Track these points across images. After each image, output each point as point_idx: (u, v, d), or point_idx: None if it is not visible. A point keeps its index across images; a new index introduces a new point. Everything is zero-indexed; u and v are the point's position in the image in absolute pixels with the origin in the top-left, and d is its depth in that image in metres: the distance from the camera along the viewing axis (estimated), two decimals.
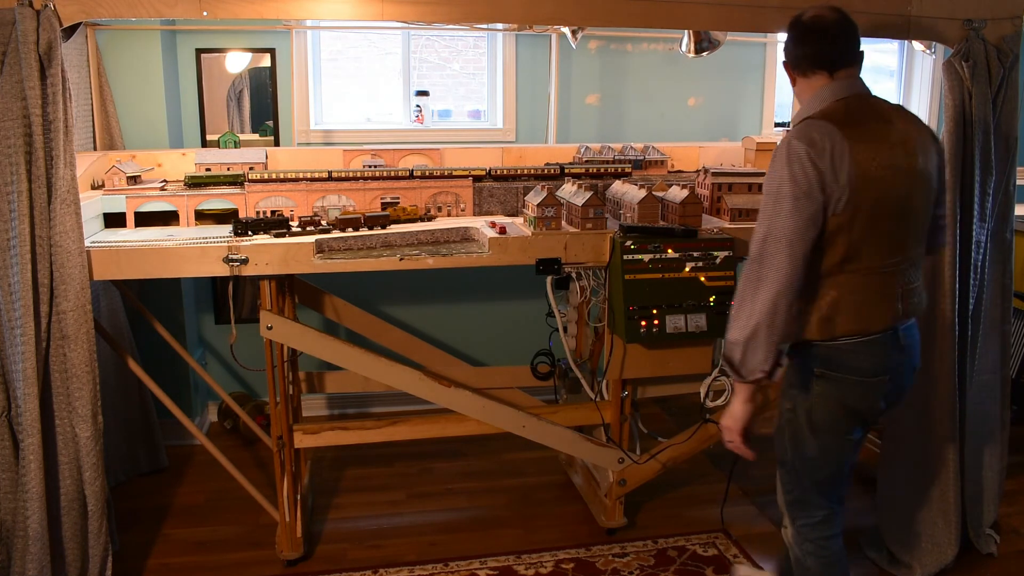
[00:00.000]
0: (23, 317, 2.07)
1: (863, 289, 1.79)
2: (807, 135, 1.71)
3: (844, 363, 1.83)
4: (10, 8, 1.99)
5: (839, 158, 1.70)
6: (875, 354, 1.82)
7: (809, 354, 1.85)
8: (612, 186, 2.78)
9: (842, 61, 1.82)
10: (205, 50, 3.45)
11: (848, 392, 1.85)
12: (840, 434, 1.90)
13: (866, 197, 1.72)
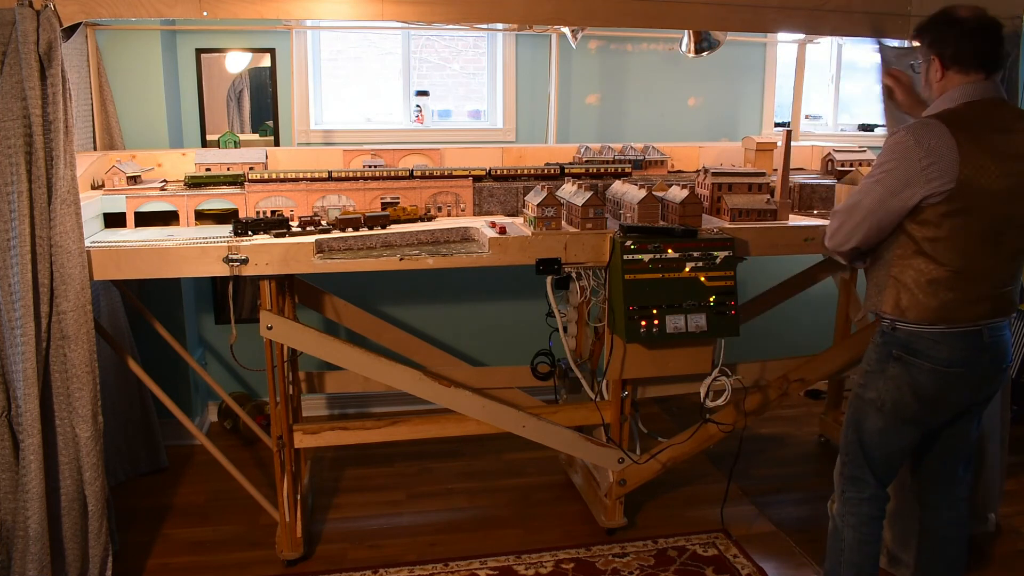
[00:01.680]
0: (23, 317, 2.08)
1: (954, 285, 1.86)
2: (920, 133, 1.80)
3: (922, 350, 1.91)
4: (10, 8, 1.99)
5: (943, 159, 1.77)
6: (955, 347, 1.90)
7: (892, 336, 1.95)
8: (612, 186, 2.78)
9: (991, 65, 1.87)
10: (205, 50, 3.45)
11: (921, 379, 1.93)
12: (904, 420, 1.98)
13: (967, 201, 1.80)
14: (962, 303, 1.87)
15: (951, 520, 2.17)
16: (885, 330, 1.98)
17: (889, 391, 1.98)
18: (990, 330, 1.92)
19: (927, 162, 1.78)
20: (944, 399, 1.97)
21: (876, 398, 2.00)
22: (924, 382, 1.93)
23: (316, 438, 2.64)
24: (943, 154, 1.78)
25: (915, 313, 1.90)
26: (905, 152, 1.81)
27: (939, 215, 1.82)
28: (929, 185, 1.79)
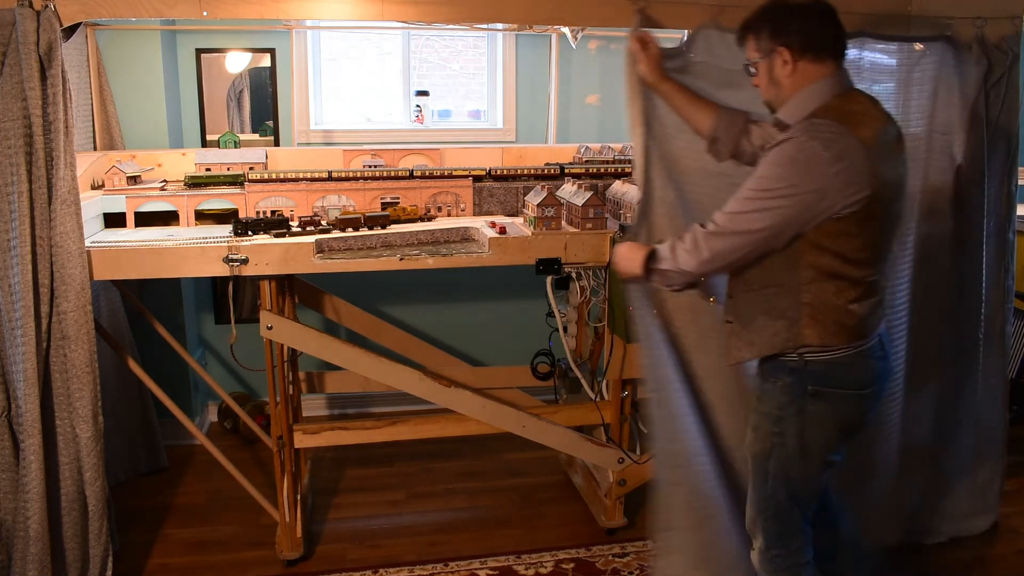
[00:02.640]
0: (24, 318, 2.08)
1: (860, 295, 1.72)
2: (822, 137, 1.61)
3: (840, 377, 1.76)
4: (10, 8, 1.99)
5: (852, 166, 1.59)
6: (867, 365, 1.77)
7: (804, 372, 1.76)
8: (612, 186, 2.78)
9: (841, 51, 1.72)
10: (205, 50, 3.45)
11: (844, 409, 1.79)
12: (828, 454, 1.82)
13: (878, 203, 1.65)
14: (873, 313, 1.76)
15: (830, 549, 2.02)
16: (794, 367, 1.76)
17: (811, 430, 1.78)
18: (883, 337, 1.83)
19: (839, 167, 1.58)
20: (863, 422, 1.84)
21: (798, 443, 1.79)
22: (847, 411, 1.79)
23: (316, 438, 2.64)
24: (853, 156, 1.59)
25: (841, 337, 1.72)
26: (813, 160, 1.59)
27: (854, 225, 1.64)
28: (845, 193, 1.60)
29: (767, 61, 1.73)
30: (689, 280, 1.78)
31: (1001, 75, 2.42)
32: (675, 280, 1.79)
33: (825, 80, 1.70)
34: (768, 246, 1.68)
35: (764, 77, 1.75)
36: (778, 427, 1.81)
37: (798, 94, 1.71)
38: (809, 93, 1.70)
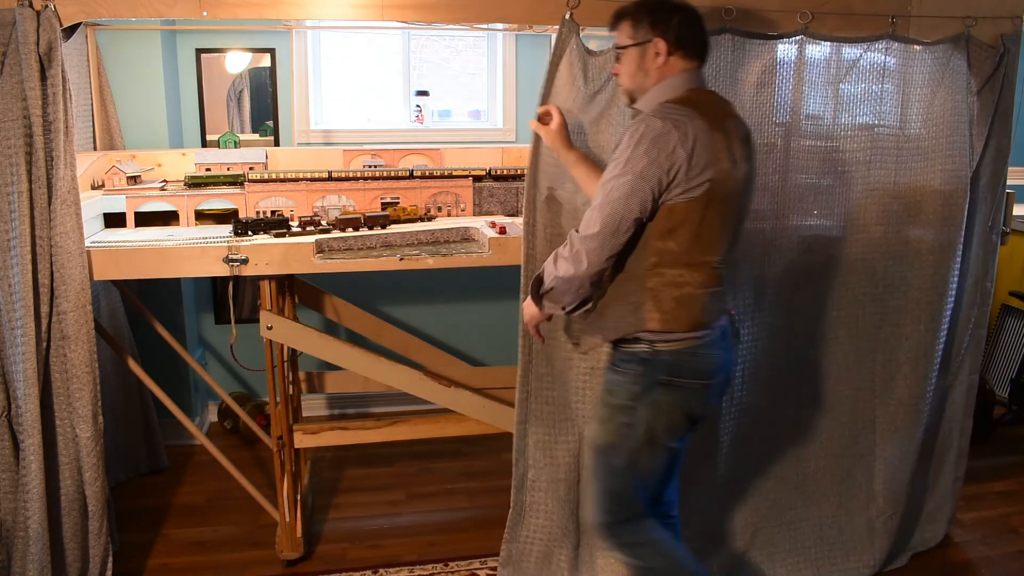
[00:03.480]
0: (23, 317, 2.08)
1: (711, 282, 1.78)
2: (672, 119, 1.67)
3: (688, 368, 1.79)
4: (10, 8, 1.99)
5: (700, 146, 1.67)
6: (712, 355, 1.81)
7: (655, 362, 1.79)
8: None
9: (706, 54, 1.84)
10: (205, 50, 3.45)
11: (690, 398, 1.82)
12: (672, 442, 1.85)
13: (721, 190, 1.72)
14: (716, 302, 1.80)
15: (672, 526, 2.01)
16: (645, 356, 1.79)
17: (661, 420, 1.81)
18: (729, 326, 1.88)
19: (688, 145, 1.65)
20: (708, 411, 1.90)
21: (647, 433, 1.81)
22: (694, 401, 1.82)
23: (316, 438, 2.64)
24: (701, 141, 1.66)
25: (683, 323, 1.75)
26: (665, 141, 1.65)
27: (696, 209, 1.70)
28: (694, 172, 1.67)
29: (640, 49, 1.79)
30: (581, 288, 1.75)
31: (999, 75, 2.42)
32: (568, 294, 1.77)
33: (686, 74, 1.79)
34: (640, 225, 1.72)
35: (632, 64, 1.81)
36: (629, 418, 1.83)
37: (659, 85, 1.79)
38: (668, 85, 1.78)
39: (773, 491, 2.55)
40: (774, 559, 2.54)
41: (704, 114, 1.70)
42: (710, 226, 1.73)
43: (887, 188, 2.43)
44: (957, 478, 2.74)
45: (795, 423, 2.54)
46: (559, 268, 1.75)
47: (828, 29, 2.31)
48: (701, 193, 1.69)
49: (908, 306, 2.51)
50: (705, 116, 1.70)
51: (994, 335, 4.01)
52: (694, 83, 1.79)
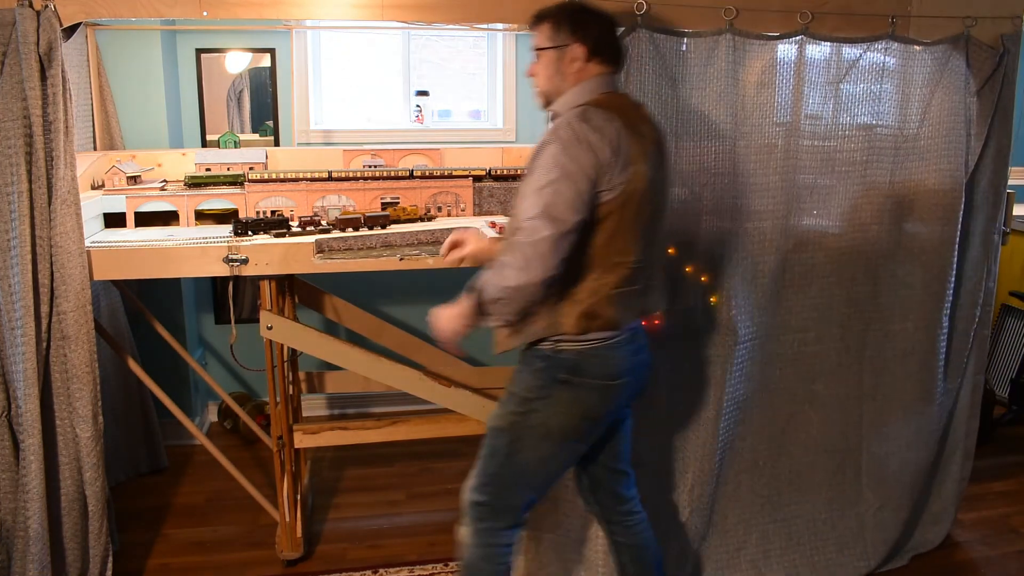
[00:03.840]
0: (24, 317, 2.08)
1: (624, 284, 1.77)
2: (592, 120, 1.68)
3: (589, 368, 1.79)
4: (10, 8, 1.99)
5: (619, 147, 1.68)
6: (618, 358, 1.81)
7: (556, 359, 1.79)
8: None
9: (622, 61, 1.87)
10: (205, 50, 3.45)
11: (591, 399, 1.82)
12: (568, 444, 1.86)
13: (635, 190, 1.72)
14: (629, 305, 1.79)
15: (637, 523, 2.05)
16: (547, 353, 1.80)
17: (556, 416, 1.81)
18: (643, 332, 1.88)
19: (607, 145, 1.66)
20: (611, 412, 1.88)
21: (540, 424, 1.82)
22: (594, 401, 1.82)
23: (316, 438, 2.64)
24: (618, 142, 1.68)
25: (593, 324, 1.75)
26: (590, 143, 1.65)
27: (611, 211, 1.71)
28: (612, 176, 1.67)
29: (559, 52, 1.79)
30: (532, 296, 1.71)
31: (998, 75, 2.42)
32: (516, 303, 1.72)
33: (601, 78, 1.80)
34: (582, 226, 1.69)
35: (550, 67, 1.81)
36: (522, 408, 1.84)
37: (575, 88, 1.79)
38: (584, 88, 1.79)
39: (767, 488, 2.55)
40: (769, 556, 2.55)
41: (621, 116, 1.73)
42: (626, 227, 1.74)
43: (885, 188, 2.43)
44: (962, 479, 2.75)
45: (788, 420, 2.54)
46: (507, 279, 1.68)
47: (828, 29, 2.31)
48: (618, 194, 1.70)
49: (898, 304, 2.52)
50: (622, 118, 1.73)
51: (994, 335, 4.01)
52: (609, 87, 1.82)
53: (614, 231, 1.73)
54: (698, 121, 2.22)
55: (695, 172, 2.24)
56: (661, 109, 2.17)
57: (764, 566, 2.53)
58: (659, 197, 1.83)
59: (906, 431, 2.60)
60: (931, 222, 2.48)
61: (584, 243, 1.73)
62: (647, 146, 1.77)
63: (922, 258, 2.49)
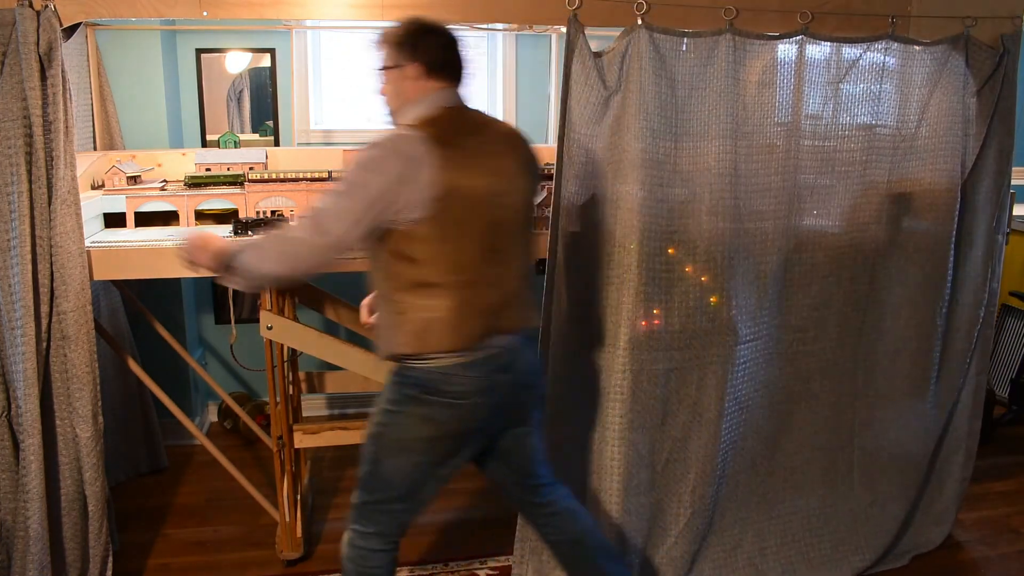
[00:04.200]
0: (23, 317, 2.08)
1: (457, 304, 1.74)
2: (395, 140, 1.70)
3: (437, 387, 1.77)
4: (10, 9, 1.99)
5: (425, 166, 1.67)
6: (470, 376, 1.78)
7: (407, 376, 1.80)
8: None
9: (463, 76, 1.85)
10: (205, 50, 3.45)
11: (441, 416, 1.80)
12: (427, 458, 1.84)
13: (460, 206, 1.70)
14: (473, 322, 1.76)
15: (565, 521, 2.04)
16: (398, 369, 1.82)
17: (410, 430, 1.82)
18: (508, 350, 1.82)
19: (408, 174, 1.66)
20: (476, 430, 1.85)
21: (397, 437, 1.84)
22: (446, 418, 1.80)
23: (316, 438, 2.64)
24: (423, 163, 1.67)
25: (429, 345, 1.75)
26: (381, 165, 1.67)
27: (429, 231, 1.70)
28: (413, 196, 1.67)
29: (399, 71, 1.81)
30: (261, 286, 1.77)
31: (998, 75, 2.42)
32: (246, 282, 1.77)
33: (438, 93, 1.80)
34: (347, 246, 1.71)
35: (391, 86, 1.84)
36: (382, 419, 1.85)
37: (412, 105, 1.81)
38: (420, 105, 1.80)
39: (763, 485, 2.56)
40: (765, 553, 2.55)
41: (445, 132, 1.72)
42: (455, 245, 1.73)
43: (884, 187, 2.44)
44: (964, 479, 2.75)
45: (785, 418, 2.55)
46: (257, 261, 1.73)
47: (828, 29, 2.31)
48: (432, 213, 1.69)
49: (891, 302, 2.53)
50: (446, 134, 1.72)
51: (994, 335, 4.01)
52: (447, 102, 1.81)
53: (439, 250, 1.72)
54: (698, 121, 2.22)
55: (695, 172, 2.24)
56: (661, 109, 2.16)
57: (761, 563, 2.53)
58: (508, 209, 1.80)
59: (897, 427, 2.62)
60: (928, 221, 2.48)
61: (409, 265, 1.73)
62: (490, 159, 1.77)
63: (917, 256, 2.50)
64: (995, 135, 2.48)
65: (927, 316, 2.54)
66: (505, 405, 1.87)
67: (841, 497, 2.63)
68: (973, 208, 2.52)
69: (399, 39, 1.81)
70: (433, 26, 1.83)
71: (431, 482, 1.89)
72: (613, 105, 2.15)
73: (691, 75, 2.20)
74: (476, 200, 1.74)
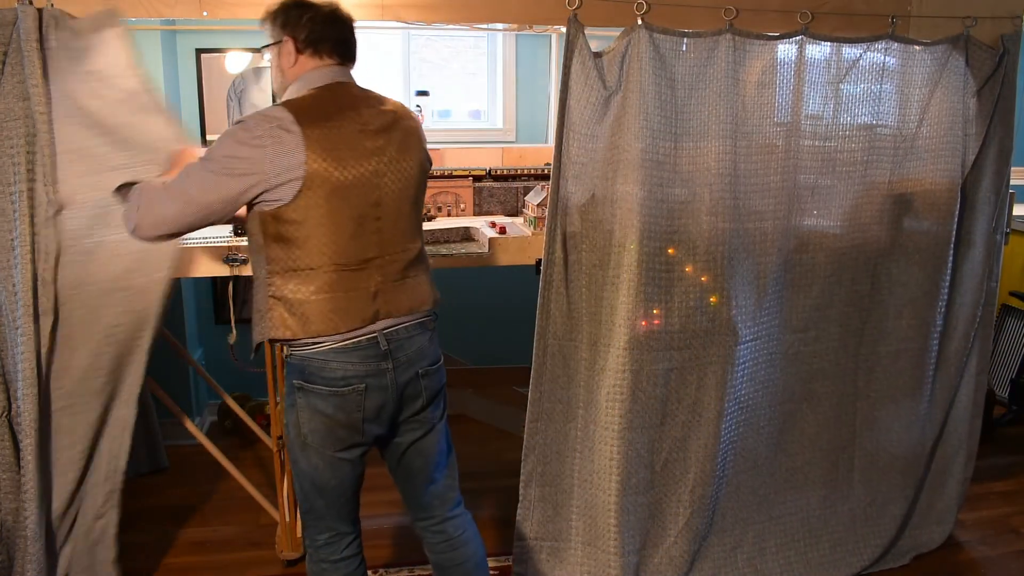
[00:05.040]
0: (23, 317, 2.07)
1: (332, 287, 1.71)
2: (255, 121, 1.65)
3: (315, 374, 1.74)
4: (12, 8, 1.99)
5: (284, 149, 1.64)
6: (347, 361, 1.74)
7: (291, 365, 1.78)
8: None
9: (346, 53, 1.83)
10: (205, 50, 3.45)
11: (323, 405, 1.76)
12: (330, 451, 1.81)
13: (319, 188, 1.67)
14: (350, 308, 1.73)
15: (443, 541, 2.03)
16: (287, 359, 1.80)
17: (304, 424, 1.79)
18: (387, 335, 1.77)
19: (275, 154, 1.63)
20: (358, 419, 1.79)
21: (297, 435, 1.81)
22: (327, 408, 1.76)
23: None
24: (290, 145, 1.64)
25: (304, 330, 1.71)
26: (242, 142, 1.63)
27: (295, 214, 1.67)
28: (272, 178, 1.64)
29: (277, 49, 1.80)
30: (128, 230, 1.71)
31: (998, 75, 2.42)
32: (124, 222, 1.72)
33: (316, 72, 1.77)
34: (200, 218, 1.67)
35: (273, 65, 1.83)
36: (286, 416, 1.83)
37: (292, 85, 1.79)
38: (296, 84, 1.77)
39: (764, 486, 2.56)
40: (764, 554, 2.55)
41: (315, 113, 1.68)
42: (327, 228, 1.69)
43: (884, 187, 2.44)
44: (965, 479, 2.76)
45: (787, 418, 2.55)
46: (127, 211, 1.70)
47: (828, 29, 2.32)
48: (301, 196, 1.66)
49: (892, 303, 2.53)
50: (316, 115, 1.68)
51: (994, 335, 4.01)
52: (324, 80, 1.77)
53: (312, 233, 1.69)
54: (698, 121, 2.22)
55: (695, 172, 2.24)
56: (661, 109, 2.16)
57: (760, 563, 2.53)
58: (387, 191, 1.76)
59: (897, 427, 2.62)
60: (928, 221, 2.48)
61: (277, 247, 1.71)
62: (366, 139, 1.72)
63: (917, 257, 2.50)
64: (995, 135, 2.48)
65: (928, 316, 2.55)
66: (392, 394, 1.81)
67: (841, 498, 2.64)
68: (972, 208, 2.53)
69: (274, 14, 1.79)
70: (308, 2, 1.78)
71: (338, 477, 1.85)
72: (613, 105, 2.15)
73: (691, 75, 2.20)
74: (346, 183, 1.69)
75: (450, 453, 2.06)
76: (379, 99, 1.85)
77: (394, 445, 1.94)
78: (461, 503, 2.06)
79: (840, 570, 2.58)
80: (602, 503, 2.34)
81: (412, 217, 1.84)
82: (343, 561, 1.95)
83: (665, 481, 2.42)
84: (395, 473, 2.01)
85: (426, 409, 1.91)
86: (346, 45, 1.83)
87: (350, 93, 1.80)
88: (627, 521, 2.36)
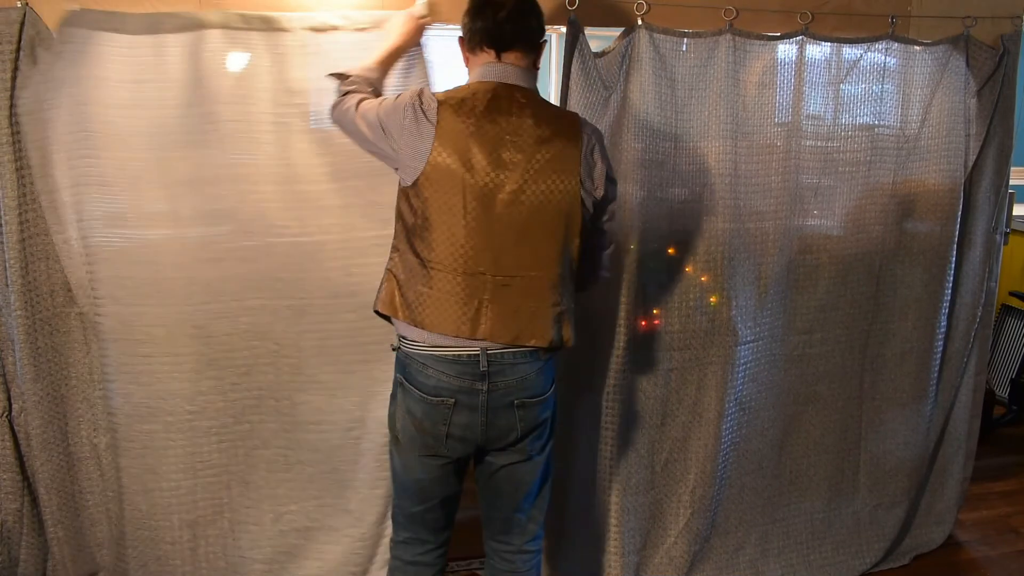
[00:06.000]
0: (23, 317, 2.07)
1: (431, 283, 1.64)
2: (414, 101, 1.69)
3: (412, 374, 1.70)
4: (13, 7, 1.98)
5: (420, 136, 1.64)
6: (443, 371, 1.67)
7: (396, 360, 1.76)
8: None
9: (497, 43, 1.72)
10: None
11: (414, 408, 1.71)
12: (416, 454, 1.75)
13: (444, 186, 1.62)
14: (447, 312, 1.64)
15: (509, 571, 1.93)
16: (395, 348, 1.75)
17: (399, 420, 1.74)
18: (489, 356, 1.66)
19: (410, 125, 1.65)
20: (442, 433, 1.70)
21: (392, 428, 1.78)
22: (417, 411, 1.70)
23: None
24: (426, 124, 1.63)
25: (405, 315, 1.66)
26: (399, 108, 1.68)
27: (417, 199, 1.65)
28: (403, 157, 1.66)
29: (461, 42, 1.84)
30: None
31: (998, 75, 2.42)
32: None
33: (480, 68, 1.77)
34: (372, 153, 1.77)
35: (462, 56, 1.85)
36: (389, 408, 1.82)
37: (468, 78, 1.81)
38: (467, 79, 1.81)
39: (767, 488, 2.56)
40: (767, 555, 2.55)
41: (461, 107, 1.67)
42: (432, 222, 1.63)
43: (886, 188, 2.44)
44: (964, 479, 2.76)
45: (791, 421, 2.55)
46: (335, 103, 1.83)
47: (828, 30, 2.31)
48: (413, 180, 1.65)
49: (897, 304, 2.54)
50: (460, 110, 1.66)
51: (994, 335, 4.01)
52: (483, 76, 1.74)
53: (421, 222, 1.65)
54: (698, 121, 2.22)
55: (695, 172, 2.24)
56: (661, 109, 2.17)
57: (762, 565, 2.53)
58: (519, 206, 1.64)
59: (903, 429, 2.61)
60: (931, 222, 2.48)
61: (401, 222, 1.71)
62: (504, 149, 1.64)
63: (921, 258, 2.50)
64: (995, 135, 2.48)
65: (932, 317, 2.54)
66: (481, 417, 1.71)
67: (846, 501, 2.63)
68: (972, 208, 2.53)
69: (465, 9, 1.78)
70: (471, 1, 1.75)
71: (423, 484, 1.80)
72: (613, 105, 2.15)
73: (691, 75, 2.20)
74: (468, 186, 1.62)
75: (544, 485, 1.90)
76: (547, 115, 1.71)
77: (487, 463, 1.83)
78: (540, 539, 1.94)
79: (842, 573, 2.58)
80: (602, 503, 2.34)
81: (545, 243, 1.67)
82: (413, 566, 1.87)
83: (666, 481, 2.42)
84: (482, 490, 1.91)
85: (522, 441, 1.77)
86: (491, 33, 1.72)
87: (509, 97, 1.69)
88: (627, 521, 2.36)
